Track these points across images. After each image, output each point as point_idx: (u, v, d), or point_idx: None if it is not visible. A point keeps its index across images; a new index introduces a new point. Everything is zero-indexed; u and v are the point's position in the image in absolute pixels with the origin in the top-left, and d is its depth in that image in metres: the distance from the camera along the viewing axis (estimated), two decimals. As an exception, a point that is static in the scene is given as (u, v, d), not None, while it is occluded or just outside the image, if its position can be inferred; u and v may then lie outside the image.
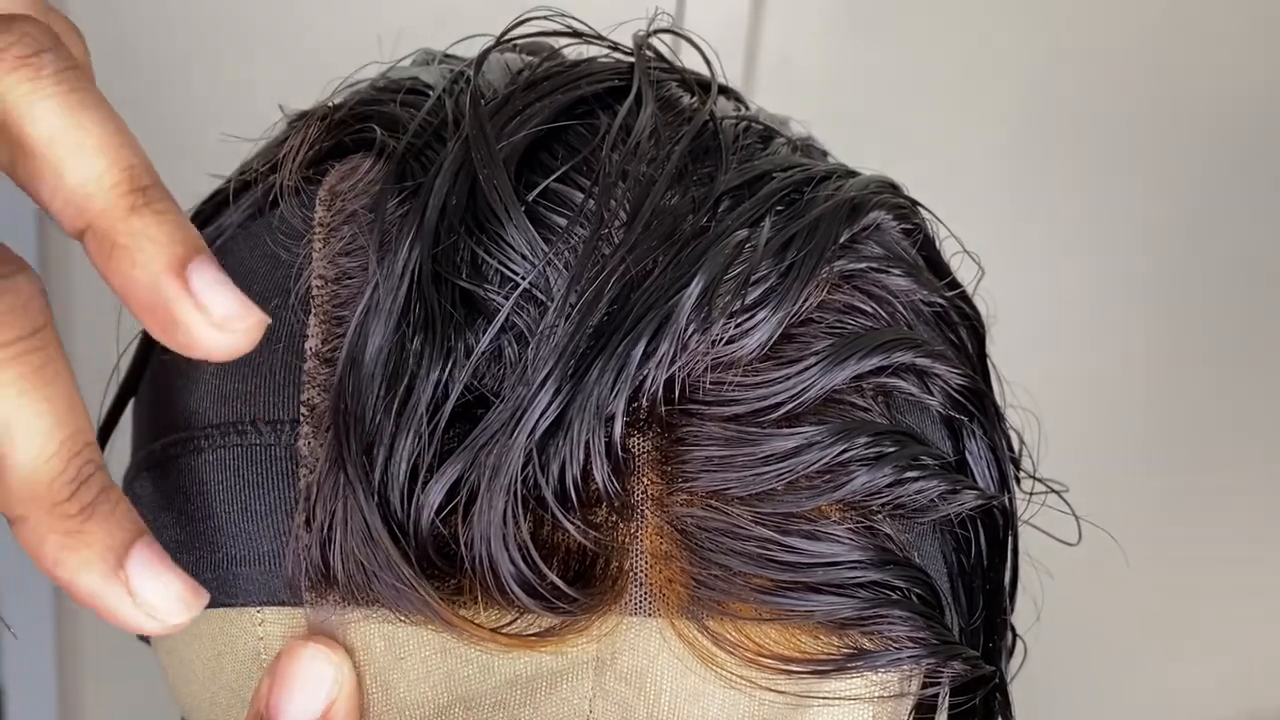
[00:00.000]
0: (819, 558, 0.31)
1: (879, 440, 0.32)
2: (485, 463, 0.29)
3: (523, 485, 0.29)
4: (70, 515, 0.26)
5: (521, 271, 0.31)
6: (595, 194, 0.32)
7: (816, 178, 0.34)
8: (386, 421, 0.30)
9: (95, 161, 0.26)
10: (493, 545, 0.29)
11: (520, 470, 0.29)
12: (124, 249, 0.27)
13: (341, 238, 0.33)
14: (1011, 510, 0.37)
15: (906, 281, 0.35)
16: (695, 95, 0.37)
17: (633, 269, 0.30)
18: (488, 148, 0.31)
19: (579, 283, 0.30)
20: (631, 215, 0.31)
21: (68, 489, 0.26)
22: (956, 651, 0.33)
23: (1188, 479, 1.17)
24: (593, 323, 0.30)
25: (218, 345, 0.27)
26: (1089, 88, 1.02)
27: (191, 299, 0.27)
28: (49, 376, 0.26)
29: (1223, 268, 1.11)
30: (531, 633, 0.30)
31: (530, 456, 0.29)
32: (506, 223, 0.31)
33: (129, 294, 0.27)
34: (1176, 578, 1.17)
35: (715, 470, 0.31)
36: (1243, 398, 1.16)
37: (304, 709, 0.31)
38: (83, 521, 0.27)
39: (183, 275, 0.27)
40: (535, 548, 0.30)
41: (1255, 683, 1.26)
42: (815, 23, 0.96)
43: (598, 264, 0.31)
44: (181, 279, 0.27)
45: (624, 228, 0.31)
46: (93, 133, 0.27)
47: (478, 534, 0.29)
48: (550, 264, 0.31)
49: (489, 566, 0.29)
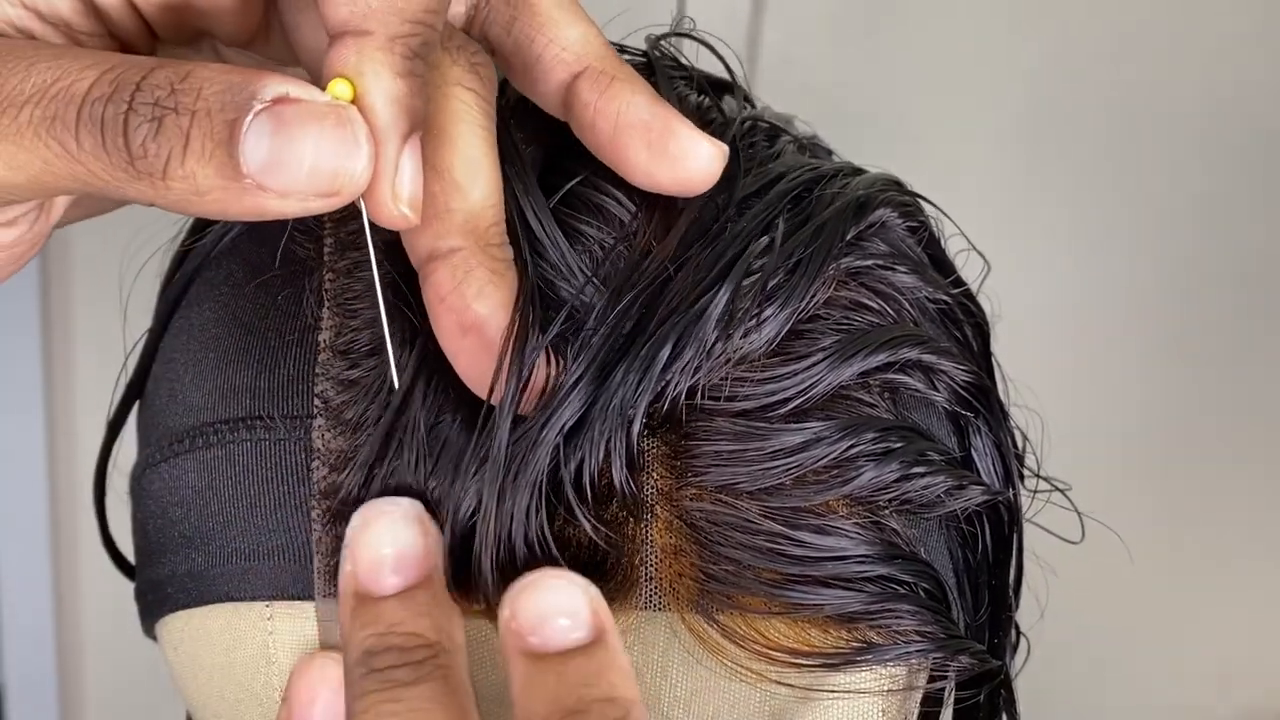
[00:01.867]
0: (828, 552, 0.31)
1: (886, 436, 0.32)
2: (514, 459, 0.29)
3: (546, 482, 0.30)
4: (498, 259, 0.30)
5: (553, 279, 0.31)
6: (629, 203, 0.32)
7: (824, 177, 0.35)
8: None
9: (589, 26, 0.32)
10: (514, 539, 0.29)
11: (547, 467, 0.29)
12: (624, 82, 0.31)
13: (353, 231, 0.34)
14: (1016, 506, 0.37)
15: (912, 278, 0.35)
16: (704, 94, 0.37)
17: (673, 275, 0.31)
18: (518, 156, 0.32)
19: (617, 295, 0.31)
20: (660, 221, 0.32)
21: (499, 233, 0.30)
22: (963, 646, 0.33)
23: (1189, 478, 1.17)
24: (625, 330, 0.30)
25: (698, 172, 0.31)
26: (1092, 85, 1.02)
27: (680, 121, 0.31)
28: None
29: (1228, 266, 1.11)
30: None
31: (556, 454, 0.30)
32: (541, 236, 0.32)
33: (626, 117, 0.31)
34: (1176, 577, 1.17)
35: (724, 465, 0.31)
36: (1247, 397, 1.16)
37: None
38: (506, 268, 0.30)
39: (664, 104, 0.31)
40: None
41: (1255, 683, 1.26)
42: (815, 22, 0.96)
43: (629, 270, 0.31)
44: (667, 106, 0.31)
45: (652, 234, 0.32)
46: None
47: (500, 528, 0.29)
48: (585, 274, 0.31)
49: (507, 561, 0.29)
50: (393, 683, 0.28)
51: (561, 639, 0.28)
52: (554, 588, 0.28)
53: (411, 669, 0.28)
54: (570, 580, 0.28)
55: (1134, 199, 1.07)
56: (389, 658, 0.28)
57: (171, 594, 0.35)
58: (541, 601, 0.28)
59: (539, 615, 0.28)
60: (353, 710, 0.28)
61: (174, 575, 0.35)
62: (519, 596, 0.28)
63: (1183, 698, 1.25)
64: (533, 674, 0.27)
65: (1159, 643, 1.22)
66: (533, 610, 0.28)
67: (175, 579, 0.35)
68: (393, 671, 0.28)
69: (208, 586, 0.34)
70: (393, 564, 0.30)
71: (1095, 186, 1.06)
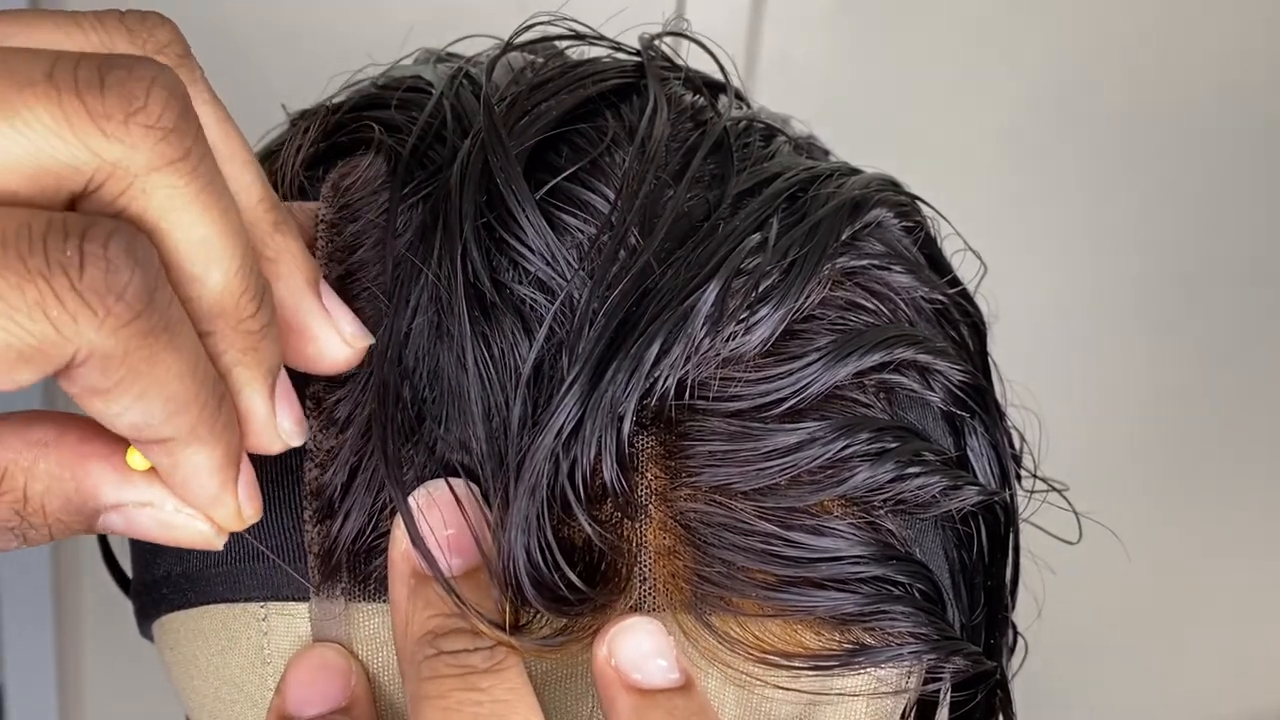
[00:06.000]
0: (822, 553, 0.31)
1: (881, 436, 0.32)
2: (511, 465, 0.30)
3: None
4: (252, 331, 0.27)
5: (541, 275, 0.31)
6: (615, 200, 0.32)
7: (820, 176, 0.35)
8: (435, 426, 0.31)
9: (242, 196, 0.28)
10: (515, 545, 0.29)
11: (546, 472, 0.30)
12: (270, 261, 0.29)
13: (346, 235, 0.33)
14: (1013, 507, 0.37)
15: (907, 278, 0.35)
16: (698, 93, 0.37)
17: (656, 270, 0.31)
18: (505, 153, 0.32)
19: (600, 289, 0.31)
20: (649, 219, 0.32)
21: (252, 306, 0.27)
22: (958, 647, 0.33)
23: (1187, 479, 1.17)
24: (613, 327, 0.30)
25: (343, 359, 0.30)
26: (1090, 85, 1.02)
27: (327, 315, 0.29)
28: (221, 189, 0.26)
29: (1225, 267, 1.11)
30: (542, 635, 0.31)
31: (556, 458, 0.30)
32: (528, 228, 0.31)
33: (279, 310, 0.29)
34: (1176, 577, 1.17)
35: (719, 465, 0.31)
36: (1244, 397, 1.16)
37: (326, 697, 0.31)
38: (259, 340, 0.27)
39: (318, 292, 0.29)
40: None
41: (1255, 683, 1.26)
42: (815, 22, 0.96)
43: (616, 266, 0.31)
44: (318, 295, 0.29)
45: (639, 231, 0.31)
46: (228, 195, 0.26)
47: (502, 533, 0.29)
48: (572, 268, 0.31)
49: (510, 566, 0.30)
50: (468, 669, 0.29)
51: (661, 678, 0.30)
52: (650, 631, 0.30)
53: (486, 655, 0.29)
54: (659, 625, 0.30)
55: (1132, 198, 1.07)
56: (460, 640, 0.29)
57: (167, 594, 0.35)
58: (643, 643, 0.30)
59: (640, 654, 0.30)
60: (423, 691, 0.29)
61: (169, 576, 0.35)
62: (617, 637, 0.30)
63: (1182, 698, 1.25)
64: (643, 707, 0.29)
65: (1158, 642, 1.22)
66: (633, 650, 0.30)
67: (170, 580, 0.35)
68: (466, 656, 0.29)
69: (202, 587, 0.34)
70: (453, 545, 0.30)
71: (1093, 186, 1.06)
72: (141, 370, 0.24)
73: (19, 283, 0.22)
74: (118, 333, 0.23)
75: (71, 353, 0.23)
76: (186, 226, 0.25)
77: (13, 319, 0.22)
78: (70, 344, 0.23)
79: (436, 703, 0.28)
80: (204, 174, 0.25)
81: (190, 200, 0.25)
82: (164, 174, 0.24)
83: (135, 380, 0.24)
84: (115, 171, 0.24)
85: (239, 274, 0.26)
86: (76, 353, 0.23)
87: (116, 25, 0.26)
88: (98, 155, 0.24)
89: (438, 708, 0.28)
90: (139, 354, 0.24)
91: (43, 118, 0.23)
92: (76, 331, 0.23)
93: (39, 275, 0.22)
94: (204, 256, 0.26)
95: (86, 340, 0.23)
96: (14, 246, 0.22)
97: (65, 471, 0.27)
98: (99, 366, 0.24)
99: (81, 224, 0.23)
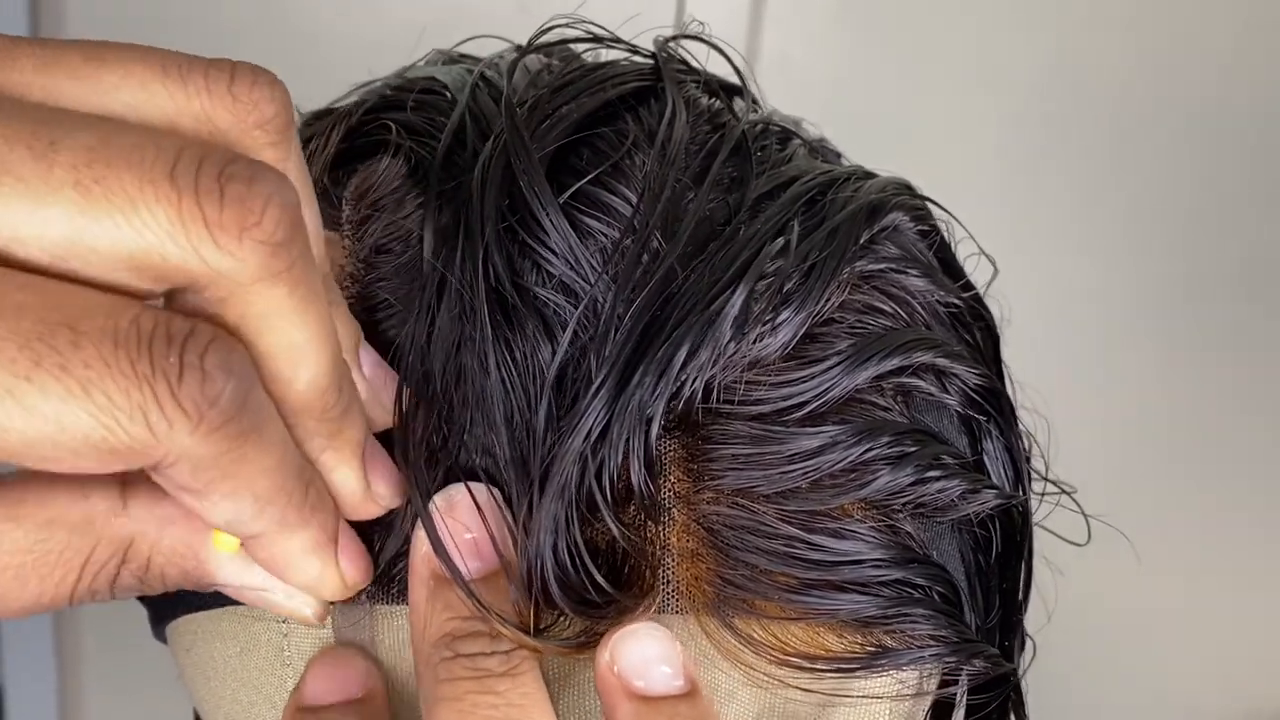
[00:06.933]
0: (844, 556, 0.31)
1: (901, 440, 0.32)
2: (535, 467, 0.30)
3: None
4: (333, 419, 0.28)
5: (565, 279, 0.31)
6: (638, 203, 0.32)
7: (837, 180, 0.35)
8: None
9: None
10: (543, 546, 0.29)
11: (574, 474, 0.30)
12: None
13: (370, 235, 0.34)
14: (1027, 509, 0.37)
15: (923, 282, 0.35)
16: (714, 96, 0.37)
17: (680, 274, 0.31)
18: (528, 156, 0.32)
19: (625, 292, 0.31)
20: (671, 223, 0.32)
21: (337, 400, 0.27)
22: (978, 649, 0.33)
23: (1190, 480, 1.17)
24: (639, 330, 0.30)
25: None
26: (1094, 85, 1.02)
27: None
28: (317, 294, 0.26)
29: (1235, 268, 1.11)
30: (563, 637, 0.31)
31: (584, 460, 0.30)
32: (552, 231, 0.31)
33: None
34: (1177, 578, 1.17)
35: (741, 468, 0.31)
36: (1252, 400, 1.16)
37: (343, 688, 0.32)
38: (343, 424, 0.28)
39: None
40: None
41: (1255, 683, 1.26)
42: (815, 22, 0.96)
43: (640, 270, 0.31)
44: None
45: (661, 234, 0.32)
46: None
47: (530, 537, 0.30)
48: (596, 272, 0.31)
49: (538, 569, 0.30)
50: (484, 672, 0.29)
51: (665, 685, 0.29)
52: (655, 637, 0.30)
53: (502, 659, 0.29)
54: (665, 632, 0.30)
55: (1141, 200, 1.07)
56: (477, 643, 0.29)
57: (185, 596, 0.35)
58: (647, 649, 0.30)
59: (643, 661, 0.29)
60: (439, 693, 0.29)
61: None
62: (620, 643, 0.30)
63: (1182, 698, 1.26)
64: (645, 714, 0.29)
65: (1158, 643, 1.22)
66: (636, 656, 0.30)
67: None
68: (483, 660, 0.29)
69: None
70: (473, 548, 0.30)
71: (1100, 188, 1.06)
72: (230, 471, 0.25)
73: (126, 386, 0.23)
74: (209, 438, 0.24)
75: (163, 454, 0.24)
76: (281, 332, 0.26)
77: (114, 418, 0.23)
78: (162, 447, 0.23)
79: (452, 705, 0.28)
80: (304, 282, 0.25)
81: (289, 310, 0.25)
82: (267, 285, 0.25)
83: (224, 481, 0.25)
84: (220, 279, 0.24)
85: (327, 374, 0.27)
86: (166, 454, 0.24)
87: (223, 94, 0.26)
88: (206, 263, 0.24)
89: (453, 710, 0.28)
90: (228, 457, 0.24)
91: (160, 219, 0.23)
92: (170, 436, 0.23)
93: (145, 380, 0.23)
94: (295, 360, 0.26)
95: (179, 445, 0.23)
96: (125, 348, 0.23)
97: (188, 551, 0.28)
98: (189, 469, 0.24)
99: (183, 331, 0.23)
